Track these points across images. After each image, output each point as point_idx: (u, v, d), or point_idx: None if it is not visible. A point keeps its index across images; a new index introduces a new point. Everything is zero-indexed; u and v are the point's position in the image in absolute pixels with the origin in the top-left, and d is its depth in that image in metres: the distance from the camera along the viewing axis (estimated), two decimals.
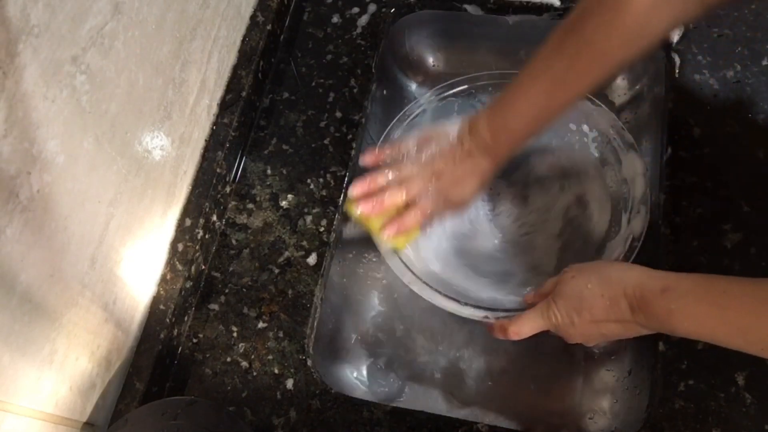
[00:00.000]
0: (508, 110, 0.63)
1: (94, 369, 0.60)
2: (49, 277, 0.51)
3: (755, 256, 0.66)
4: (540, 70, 0.61)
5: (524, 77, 0.62)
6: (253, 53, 0.80)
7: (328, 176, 0.76)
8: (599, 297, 0.57)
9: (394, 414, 0.64)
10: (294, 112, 0.81)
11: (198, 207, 0.71)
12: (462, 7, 0.85)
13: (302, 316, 0.69)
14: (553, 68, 0.60)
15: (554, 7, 0.82)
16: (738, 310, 0.49)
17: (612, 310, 0.56)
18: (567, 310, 0.59)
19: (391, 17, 0.86)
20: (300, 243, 0.73)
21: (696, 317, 0.51)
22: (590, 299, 0.57)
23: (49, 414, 0.54)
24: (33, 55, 0.46)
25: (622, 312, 0.56)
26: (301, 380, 0.66)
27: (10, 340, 0.48)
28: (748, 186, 0.69)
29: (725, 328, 0.50)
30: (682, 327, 0.52)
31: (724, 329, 0.50)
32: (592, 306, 0.57)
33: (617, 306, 0.56)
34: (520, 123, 0.63)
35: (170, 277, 0.68)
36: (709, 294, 0.51)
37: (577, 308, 0.58)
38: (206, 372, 0.68)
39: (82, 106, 0.52)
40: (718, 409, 0.60)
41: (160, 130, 0.64)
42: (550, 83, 0.60)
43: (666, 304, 0.52)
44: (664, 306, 0.52)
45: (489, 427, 0.62)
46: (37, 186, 0.48)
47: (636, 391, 0.69)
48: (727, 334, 0.50)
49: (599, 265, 0.61)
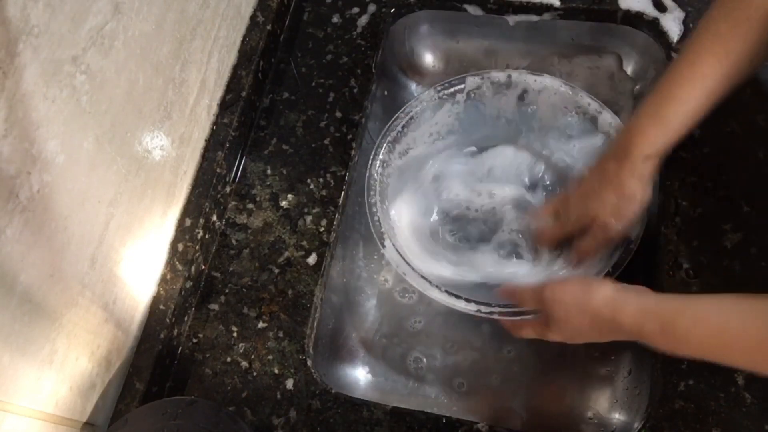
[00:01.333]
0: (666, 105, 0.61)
1: (94, 369, 0.60)
2: (49, 277, 0.51)
3: (755, 256, 0.66)
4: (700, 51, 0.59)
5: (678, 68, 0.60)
6: (253, 53, 0.80)
7: (328, 176, 0.76)
8: (588, 330, 0.58)
9: (394, 414, 0.64)
10: (294, 112, 0.81)
11: (198, 207, 0.71)
12: (462, 7, 0.85)
13: (302, 316, 0.69)
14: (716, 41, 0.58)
15: (554, 7, 0.82)
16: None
17: (602, 336, 0.58)
18: (563, 336, 0.61)
19: (391, 17, 0.86)
20: (300, 243, 0.73)
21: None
22: (579, 329, 0.59)
23: (49, 414, 0.54)
24: (33, 55, 0.46)
25: (611, 334, 0.58)
26: (301, 380, 0.66)
27: (10, 340, 0.48)
28: (748, 186, 0.69)
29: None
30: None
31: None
32: (585, 336, 0.60)
33: (605, 334, 0.58)
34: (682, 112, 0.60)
35: (170, 277, 0.68)
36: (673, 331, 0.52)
37: (570, 337, 0.61)
38: (206, 372, 0.68)
39: (82, 106, 0.52)
40: (718, 409, 0.60)
41: (160, 130, 0.64)
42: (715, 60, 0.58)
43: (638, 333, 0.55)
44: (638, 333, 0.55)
45: (489, 427, 0.62)
46: (37, 186, 0.48)
47: (636, 391, 0.69)
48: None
49: (576, 294, 0.61)
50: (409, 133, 0.78)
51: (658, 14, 0.79)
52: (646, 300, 0.55)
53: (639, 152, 0.61)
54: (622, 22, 0.82)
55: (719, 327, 0.50)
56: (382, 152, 0.75)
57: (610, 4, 0.81)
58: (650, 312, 0.54)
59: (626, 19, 0.81)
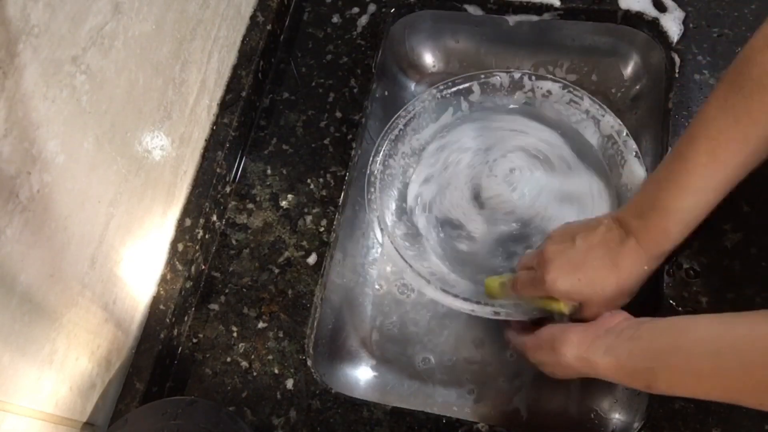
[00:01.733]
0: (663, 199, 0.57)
1: (94, 369, 0.60)
2: (49, 277, 0.51)
3: (755, 256, 0.66)
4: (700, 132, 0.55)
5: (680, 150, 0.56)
6: (253, 53, 0.80)
7: (328, 176, 0.76)
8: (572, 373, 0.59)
9: (394, 414, 0.64)
10: (294, 112, 0.81)
11: (198, 207, 0.71)
12: (462, 7, 0.85)
13: (302, 316, 0.69)
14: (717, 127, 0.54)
15: (554, 7, 0.82)
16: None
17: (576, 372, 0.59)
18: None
19: (391, 17, 0.86)
20: (300, 243, 0.73)
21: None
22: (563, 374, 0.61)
23: (49, 414, 0.54)
24: (33, 55, 0.46)
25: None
26: (301, 380, 0.66)
27: (10, 340, 0.48)
28: (748, 186, 0.69)
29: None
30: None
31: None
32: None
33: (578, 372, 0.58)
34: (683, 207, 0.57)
35: (170, 277, 0.68)
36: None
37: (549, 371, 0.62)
38: (206, 372, 0.68)
39: (82, 106, 0.52)
40: (718, 409, 0.60)
41: (160, 130, 0.64)
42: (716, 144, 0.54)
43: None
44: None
45: (489, 427, 0.62)
46: (37, 186, 0.48)
47: (636, 391, 0.69)
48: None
49: (547, 355, 0.61)
50: (410, 132, 0.78)
51: (658, 14, 0.79)
52: (617, 354, 0.53)
53: (658, 248, 0.58)
54: (622, 22, 0.82)
55: (696, 379, 0.49)
56: (383, 150, 0.76)
57: (610, 4, 0.81)
58: (624, 369, 0.53)
59: (626, 19, 0.81)
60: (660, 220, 0.57)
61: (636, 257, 0.58)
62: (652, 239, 0.58)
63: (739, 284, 0.64)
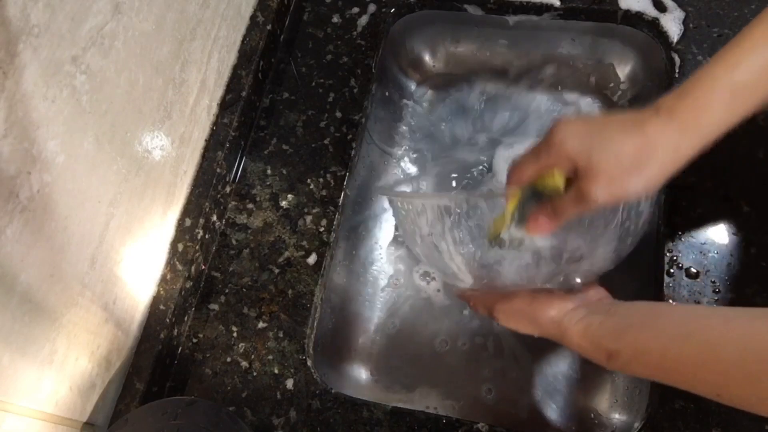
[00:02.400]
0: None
1: (94, 369, 0.60)
2: (49, 277, 0.51)
3: (755, 256, 0.66)
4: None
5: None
6: (253, 53, 0.80)
7: (328, 176, 0.76)
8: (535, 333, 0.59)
9: (394, 414, 0.64)
10: (294, 112, 0.81)
11: (198, 207, 0.71)
12: (462, 7, 0.85)
13: (302, 316, 0.69)
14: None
15: (554, 7, 0.82)
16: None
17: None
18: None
19: (391, 17, 0.86)
20: (300, 243, 0.73)
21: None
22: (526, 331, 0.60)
23: (49, 414, 0.54)
24: (33, 55, 0.46)
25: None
26: (301, 380, 0.66)
27: (10, 340, 0.48)
28: (748, 186, 0.69)
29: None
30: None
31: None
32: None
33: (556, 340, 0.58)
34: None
35: (170, 277, 0.68)
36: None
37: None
38: (206, 372, 0.68)
39: (82, 106, 0.52)
40: (718, 409, 0.60)
41: (160, 130, 0.64)
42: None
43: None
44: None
45: (489, 427, 0.62)
46: (37, 186, 0.48)
47: (636, 391, 0.69)
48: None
49: (523, 309, 0.60)
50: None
51: (658, 14, 0.79)
52: (589, 322, 0.54)
53: (694, 120, 0.49)
54: (622, 22, 0.82)
55: (659, 357, 0.48)
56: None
57: (610, 4, 0.81)
58: (591, 337, 0.53)
59: (626, 19, 0.81)
60: (703, 91, 0.50)
61: (665, 125, 0.50)
62: (690, 109, 0.50)
63: (739, 284, 0.64)
